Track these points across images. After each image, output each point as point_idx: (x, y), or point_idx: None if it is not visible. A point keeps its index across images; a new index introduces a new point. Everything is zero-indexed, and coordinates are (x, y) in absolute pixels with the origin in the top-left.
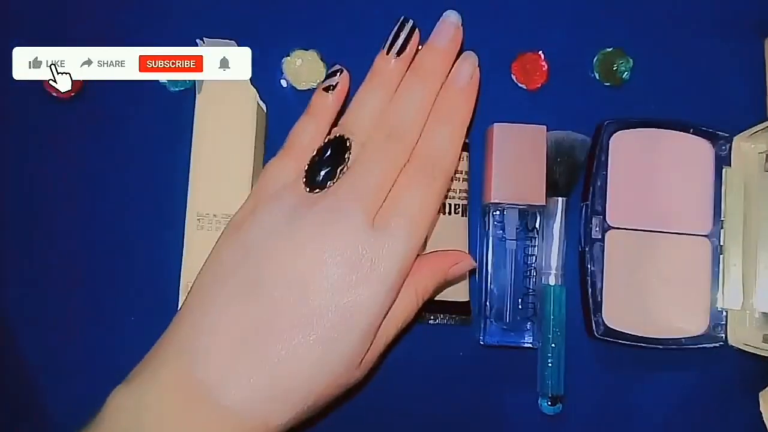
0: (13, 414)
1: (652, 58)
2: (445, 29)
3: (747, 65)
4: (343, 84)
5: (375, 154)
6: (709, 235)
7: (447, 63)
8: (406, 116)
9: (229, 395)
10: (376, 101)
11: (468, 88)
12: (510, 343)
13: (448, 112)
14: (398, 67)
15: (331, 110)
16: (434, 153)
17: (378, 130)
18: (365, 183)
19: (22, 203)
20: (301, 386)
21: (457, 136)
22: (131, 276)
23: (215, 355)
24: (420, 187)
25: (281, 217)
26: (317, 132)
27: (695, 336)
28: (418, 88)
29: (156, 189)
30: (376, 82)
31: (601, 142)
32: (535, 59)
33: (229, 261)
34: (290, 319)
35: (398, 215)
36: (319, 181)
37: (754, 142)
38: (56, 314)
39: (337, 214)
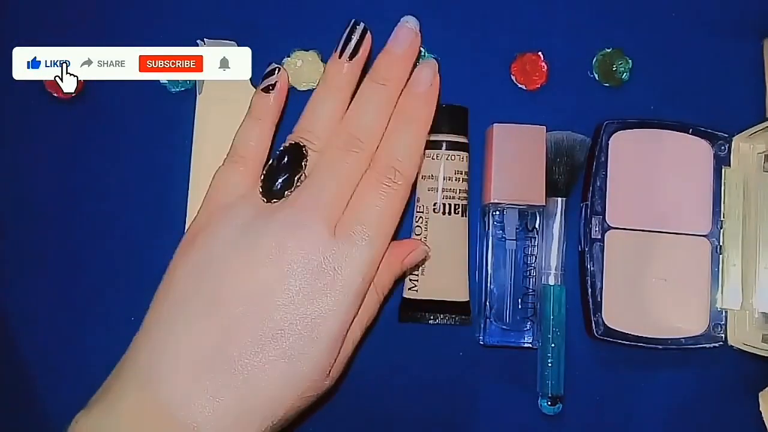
0: (12, 414)
1: (652, 58)
2: (402, 35)
3: (746, 66)
4: (282, 82)
5: (334, 162)
6: (708, 235)
7: (405, 69)
8: (365, 122)
9: (195, 416)
10: (330, 106)
11: (428, 92)
12: (510, 343)
13: (408, 117)
14: (351, 70)
15: (274, 111)
16: (395, 158)
17: (336, 136)
18: (324, 192)
19: (22, 203)
20: (268, 402)
21: (417, 141)
22: (131, 276)
23: (177, 376)
24: (381, 194)
25: (237, 230)
26: (262, 135)
27: (695, 336)
28: (376, 93)
29: (156, 189)
30: (330, 86)
31: (600, 142)
32: (534, 60)
33: (186, 279)
34: (253, 336)
35: (359, 223)
36: (276, 190)
37: (753, 143)
38: (56, 314)
39: (296, 225)
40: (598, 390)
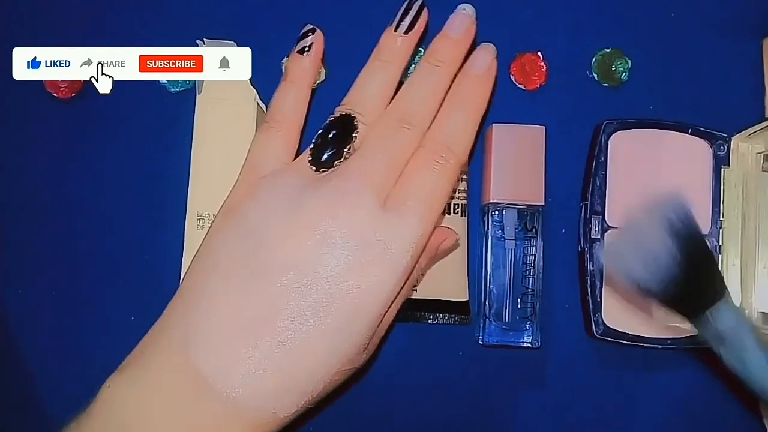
0: (12, 413)
1: (651, 58)
2: (459, 19)
3: (745, 65)
4: (317, 44)
5: (385, 137)
6: (707, 235)
7: (461, 52)
8: (419, 102)
9: (233, 386)
10: (382, 79)
11: (484, 76)
12: (509, 342)
13: (462, 99)
14: (405, 45)
15: (310, 73)
16: (447, 138)
17: (389, 113)
18: (376, 164)
19: (22, 203)
20: (311, 375)
21: (471, 123)
22: (131, 276)
23: (217, 345)
24: (432, 171)
25: (284, 197)
26: (299, 99)
27: (695, 336)
28: (432, 74)
29: (156, 189)
30: (383, 59)
31: (599, 142)
32: (534, 60)
33: (230, 247)
34: (297, 307)
35: (410, 198)
36: (325, 160)
37: (752, 143)
38: (56, 314)
39: (347, 194)
40: (597, 390)
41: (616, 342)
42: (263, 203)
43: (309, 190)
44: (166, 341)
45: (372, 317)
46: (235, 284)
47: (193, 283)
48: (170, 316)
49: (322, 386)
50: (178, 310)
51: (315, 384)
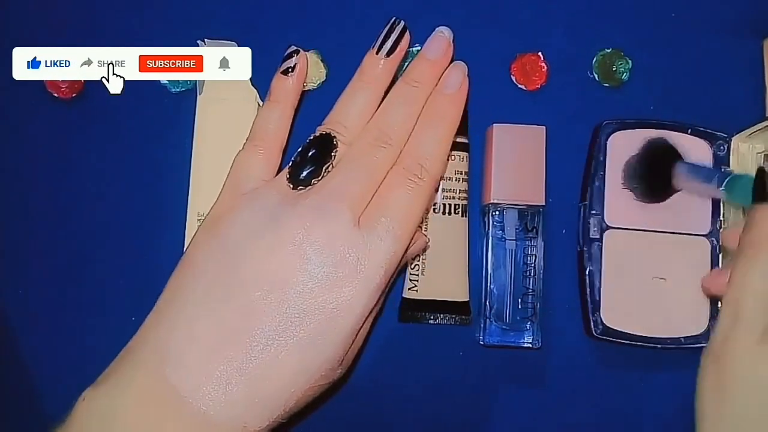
0: (12, 414)
1: (651, 58)
2: (436, 41)
3: (746, 66)
4: (301, 65)
5: (362, 155)
6: (707, 235)
7: (437, 73)
8: (395, 120)
9: (206, 402)
10: (363, 100)
11: (456, 94)
12: (510, 343)
13: (436, 117)
14: (387, 67)
15: (293, 94)
16: (422, 155)
17: (366, 131)
18: (351, 183)
19: (22, 203)
20: (282, 390)
21: (444, 140)
22: (131, 276)
23: (190, 360)
24: (407, 189)
25: (262, 213)
26: (282, 118)
27: (695, 336)
28: (408, 93)
29: (156, 189)
30: (365, 81)
31: (599, 142)
32: (534, 60)
33: (206, 260)
34: (271, 322)
35: (384, 216)
36: (303, 178)
37: (752, 143)
38: (56, 314)
39: (322, 212)
40: (597, 390)
41: (616, 342)
42: (242, 219)
43: (286, 207)
44: (141, 357)
45: (344, 333)
46: (211, 299)
47: (171, 297)
48: (147, 331)
49: (294, 401)
50: (154, 325)
51: (287, 398)
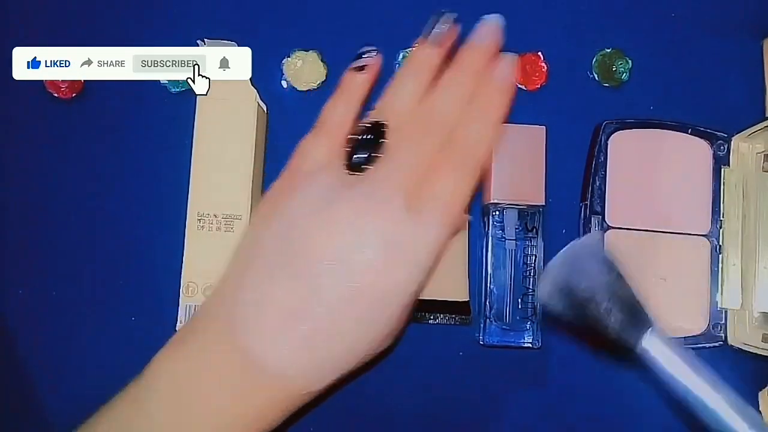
0: (13, 414)
1: (651, 58)
2: (486, 29)
3: (745, 66)
4: (374, 64)
5: (412, 142)
6: (707, 235)
7: (486, 61)
8: (444, 107)
9: (276, 365)
10: (412, 87)
11: (505, 84)
12: (510, 343)
13: (484, 105)
14: (435, 55)
15: (362, 89)
16: (469, 144)
17: (416, 118)
18: (402, 168)
19: (22, 203)
20: (341, 358)
21: (491, 130)
22: (131, 276)
23: (262, 326)
24: (454, 175)
25: (320, 195)
26: (348, 111)
27: (695, 336)
28: (457, 82)
29: (156, 189)
30: (413, 69)
31: (599, 142)
32: (534, 60)
33: (271, 236)
34: (334, 297)
35: (433, 200)
36: (357, 164)
37: (752, 142)
38: (56, 314)
39: (376, 197)
40: (597, 390)
41: None
42: (301, 199)
43: (342, 191)
44: (213, 325)
45: (396, 309)
46: (278, 271)
47: (239, 270)
48: (216, 300)
49: (350, 367)
50: (225, 295)
51: (345, 365)
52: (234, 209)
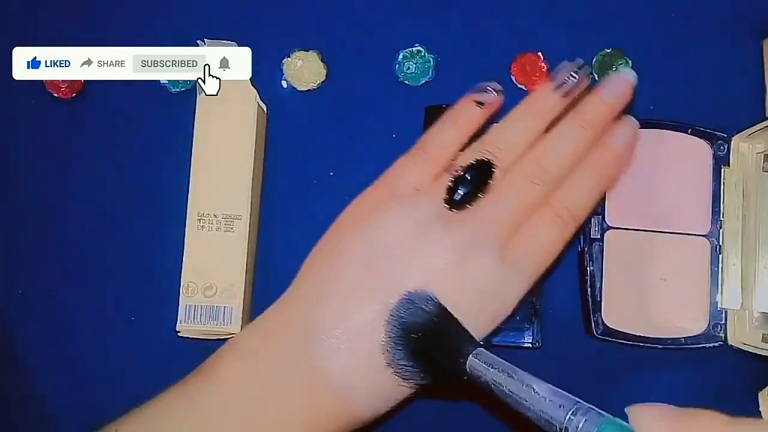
0: (13, 414)
1: (651, 59)
2: (618, 84)
3: (746, 66)
4: (495, 103)
5: (518, 189)
6: (707, 235)
7: (610, 117)
8: (557, 159)
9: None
10: (526, 128)
11: (623, 152)
12: (510, 343)
13: (597, 169)
14: (559, 104)
15: (475, 123)
16: (574, 203)
17: (525, 163)
18: (504, 215)
19: (22, 203)
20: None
21: (598, 193)
22: (131, 276)
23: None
24: (552, 231)
25: (414, 224)
26: (457, 141)
27: (695, 336)
28: (576, 133)
29: (156, 189)
30: (532, 110)
31: None
32: (534, 60)
33: (355, 256)
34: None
35: (527, 254)
36: (459, 200)
37: (752, 142)
38: (56, 314)
39: (473, 244)
40: (597, 390)
41: (616, 342)
42: (393, 224)
43: (438, 226)
44: (290, 339)
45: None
46: (357, 292)
47: (318, 285)
48: (293, 313)
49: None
50: (301, 309)
51: (402, 393)
52: (234, 209)
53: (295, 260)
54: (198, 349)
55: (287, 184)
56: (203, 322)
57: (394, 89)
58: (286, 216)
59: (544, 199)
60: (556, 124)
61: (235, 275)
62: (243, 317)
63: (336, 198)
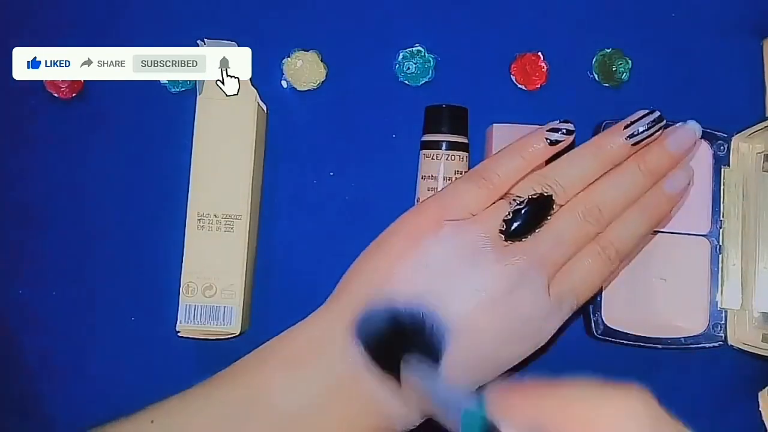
0: (13, 414)
1: (651, 58)
2: (684, 135)
3: (746, 66)
4: (565, 143)
5: (571, 226)
6: (708, 235)
7: (671, 167)
8: (612, 200)
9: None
10: (588, 168)
11: (675, 196)
12: None
13: (648, 211)
14: (625, 150)
15: (541, 158)
16: (620, 242)
17: (581, 202)
18: (555, 252)
19: (22, 203)
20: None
21: (645, 233)
22: (131, 276)
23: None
24: (596, 269)
25: (467, 250)
26: (518, 172)
27: (695, 336)
28: (635, 179)
29: (156, 189)
30: (598, 153)
31: None
32: (534, 60)
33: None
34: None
35: (572, 289)
36: (516, 232)
37: (752, 142)
38: (56, 314)
39: (526, 278)
40: None
41: (616, 342)
42: (447, 247)
43: (491, 254)
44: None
45: (499, 373)
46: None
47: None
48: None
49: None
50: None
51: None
52: (234, 209)
53: (295, 260)
54: (198, 349)
55: (287, 184)
56: (203, 322)
57: (394, 89)
58: (286, 216)
59: (594, 235)
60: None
61: (235, 275)
62: (243, 317)
63: (336, 198)
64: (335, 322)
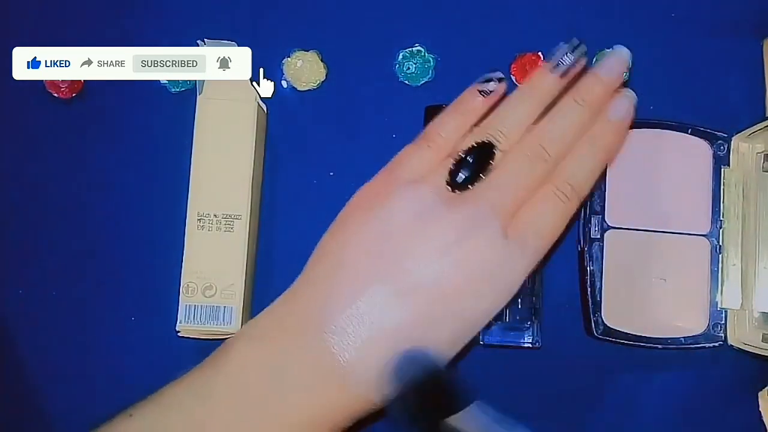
0: (12, 414)
1: (651, 58)
2: (613, 61)
3: (746, 65)
4: (498, 92)
5: (520, 168)
6: (707, 235)
7: (607, 94)
8: (557, 137)
9: (361, 374)
10: (527, 111)
11: (621, 123)
12: (510, 342)
13: (597, 143)
14: (557, 85)
15: (479, 113)
16: (574, 177)
17: (526, 143)
18: (506, 195)
19: (21, 203)
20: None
21: (598, 167)
22: (131, 276)
23: (355, 335)
24: (554, 207)
25: (417, 208)
26: (459, 129)
27: (695, 335)
28: (573, 111)
29: (156, 189)
30: (531, 93)
31: None
32: (534, 60)
33: (362, 241)
34: (421, 317)
35: (531, 231)
36: (460, 182)
37: (752, 142)
38: (56, 314)
39: (475, 223)
40: (597, 390)
41: (616, 342)
42: (397, 209)
43: (441, 208)
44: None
45: (472, 333)
46: (369, 283)
47: (328, 271)
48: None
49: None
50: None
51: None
52: (234, 209)
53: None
54: (198, 349)
55: (287, 184)
56: (203, 322)
57: (393, 89)
58: (286, 216)
59: (546, 176)
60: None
61: (235, 275)
62: (243, 317)
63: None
64: (301, 298)
